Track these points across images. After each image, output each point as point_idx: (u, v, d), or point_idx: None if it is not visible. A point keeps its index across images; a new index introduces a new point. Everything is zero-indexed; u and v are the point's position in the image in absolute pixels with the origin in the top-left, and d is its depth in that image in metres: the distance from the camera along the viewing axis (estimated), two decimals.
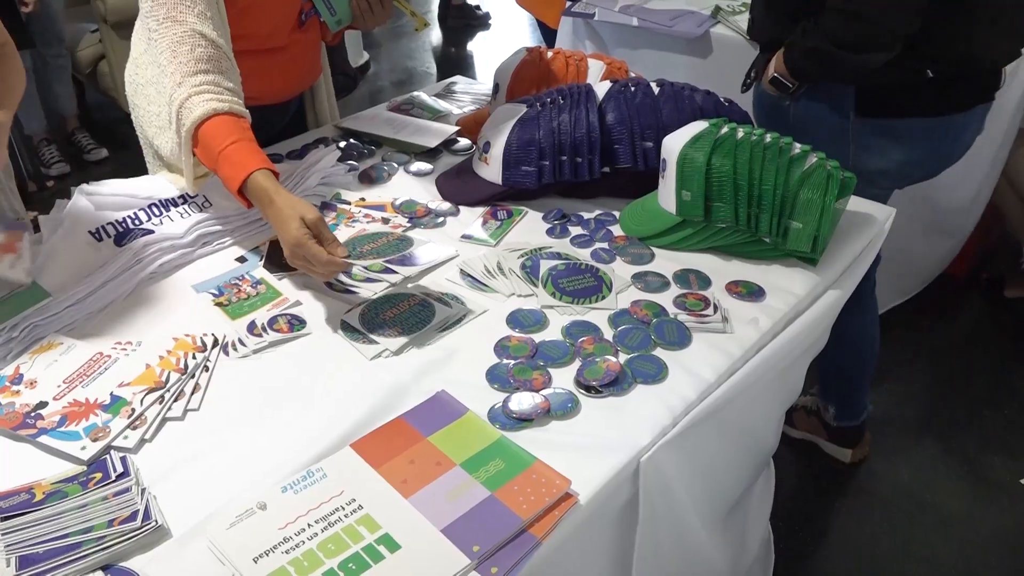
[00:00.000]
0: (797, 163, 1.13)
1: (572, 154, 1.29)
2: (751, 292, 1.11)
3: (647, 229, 1.23)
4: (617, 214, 1.31)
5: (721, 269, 1.17)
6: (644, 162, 1.30)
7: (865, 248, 1.23)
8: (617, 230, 1.27)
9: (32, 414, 0.92)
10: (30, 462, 0.88)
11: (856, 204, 1.27)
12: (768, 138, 1.16)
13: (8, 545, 0.76)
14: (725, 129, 1.18)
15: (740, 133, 1.17)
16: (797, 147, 1.16)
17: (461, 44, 5.28)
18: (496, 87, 1.57)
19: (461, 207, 1.35)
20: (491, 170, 1.33)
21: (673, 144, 1.18)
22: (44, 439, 0.89)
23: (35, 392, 0.95)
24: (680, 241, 1.20)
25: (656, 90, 1.33)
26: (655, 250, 1.22)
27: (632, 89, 1.33)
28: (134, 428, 0.90)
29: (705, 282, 1.14)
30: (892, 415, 2.07)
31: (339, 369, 1.00)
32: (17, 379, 0.97)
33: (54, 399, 0.94)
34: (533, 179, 1.30)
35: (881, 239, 1.26)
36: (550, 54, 1.55)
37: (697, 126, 1.19)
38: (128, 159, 1.45)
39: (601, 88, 1.34)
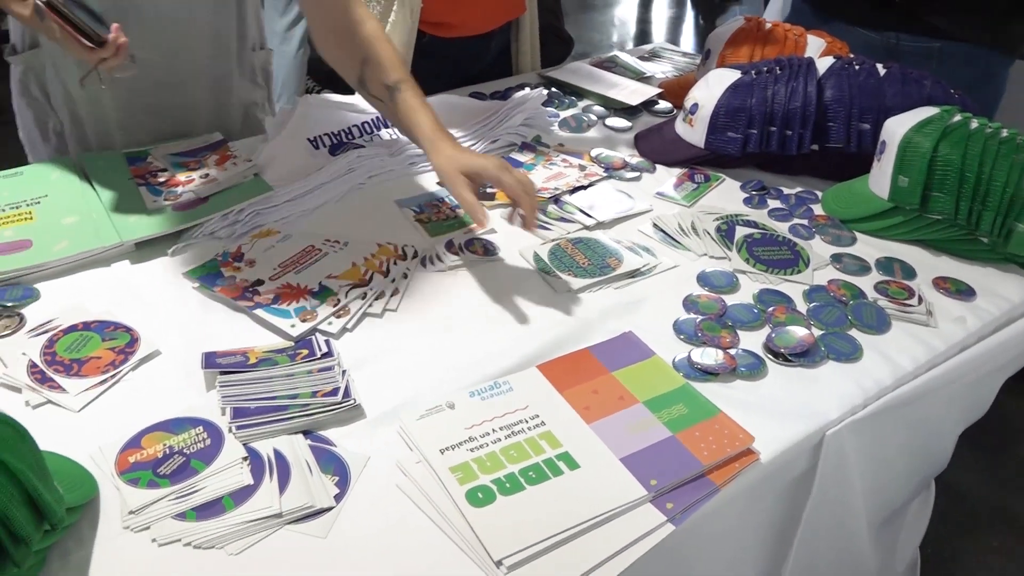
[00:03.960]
0: None
1: (782, 126, 1.26)
2: (960, 290, 1.05)
3: (852, 212, 1.19)
4: (819, 194, 1.27)
5: (928, 263, 1.11)
6: (857, 144, 1.25)
7: None
8: (818, 209, 1.23)
9: (250, 289, 0.99)
10: (245, 331, 0.95)
11: None
12: (1005, 132, 1.09)
13: (224, 396, 0.83)
14: (958, 117, 1.11)
15: (974, 124, 1.10)
16: None
17: (647, 20, 5.22)
18: (707, 52, 1.54)
19: (658, 166, 1.35)
20: (695, 132, 1.31)
21: (897, 127, 1.13)
22: (259, 312, 0.96)
23: (253, 271, 1.03)
24: (887, 228, 1.15)
25: (882, 72, 1.27)
26: (857, 234, 1.17)
27: (856, 68, 1.28)
28: (338, 317, 0.96)
29: (910, 273, 1.08)
30: None
31: (528, 297, 1.03)
32: (239, 257, 1.05)
33: (270, 279, 1.01)
34: (737, 146, 1.27)
35: None
36: (768, 25, 1.51)
37: (926, 111, 1.13)
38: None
39: (823, 63, 1.30)
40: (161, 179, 1.19)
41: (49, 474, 0.65)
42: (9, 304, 0.97)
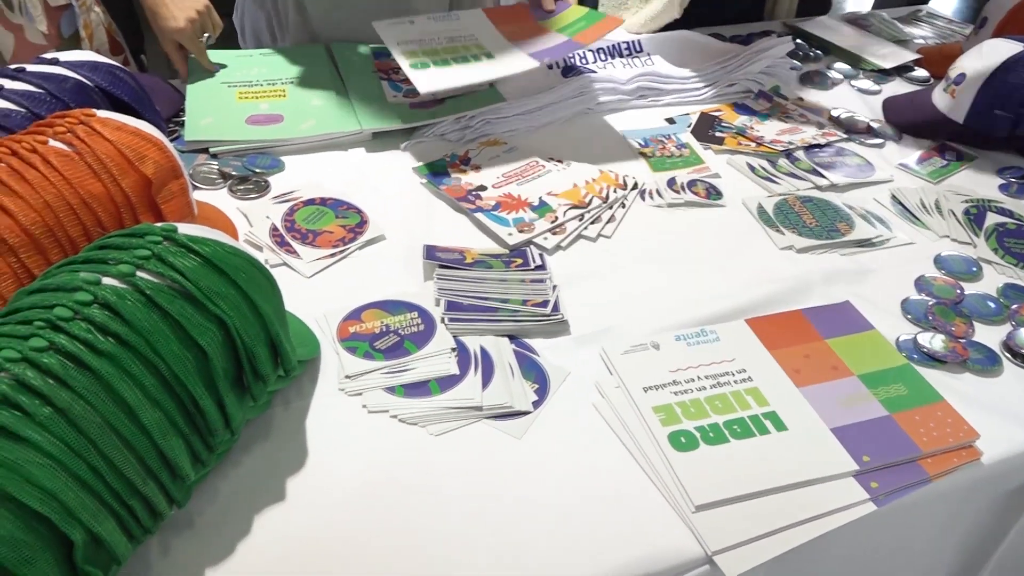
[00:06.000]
0: None
1: None
2: None
3: None
4: None
5: None
6: None
7: None
8: None
9: (473, 192, 1.02)
10: (464, 231, 0.98)
11: None
12: None
13: (440, 288, 0.86)
14: None
15: None
16: None
17: None
18: (983, 21, 1.40)
19: (905, 135, 1.25)
20: (955, 105, 1.20)
21: None
22: (479, 216, 0.98)
23: (478, 176, 1.05)
24: None
25: None
26: None
27: None
28: (554, 233, 0.96)
29: None
30: None
31: (745, 248, 0.99)
32: (465, 161, 1.08)
33: (492, 186, 1.03)
34: (1005, 126, 1.15)
35: None
36: None
37: None
38: None
39: None
40: (402, 76, 1.23)
41: (287, 324, 0.70)
42: (258, 171, 1.04)
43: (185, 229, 0.64)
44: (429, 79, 1.06)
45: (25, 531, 0.48)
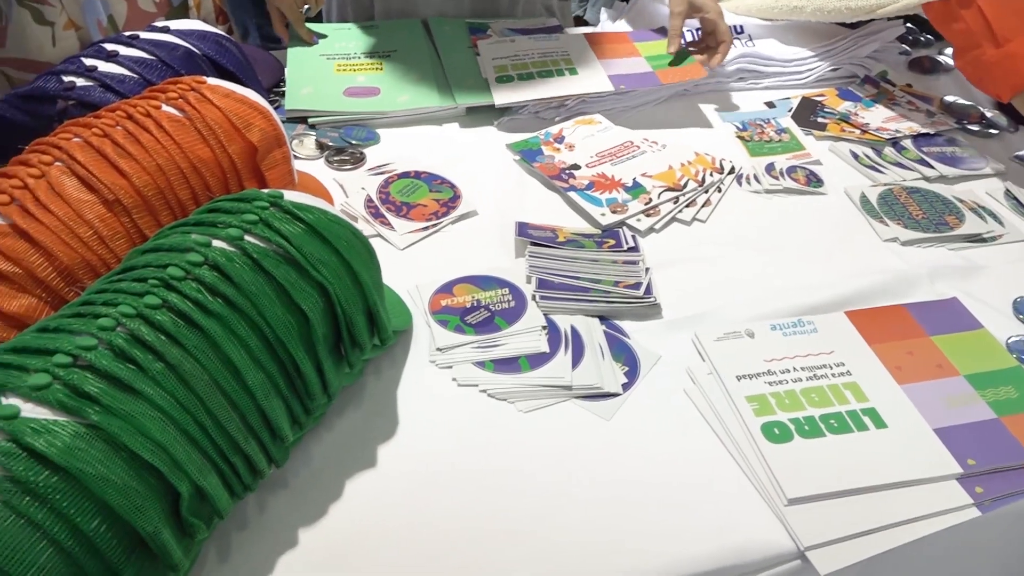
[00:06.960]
0: None
1: None
2: None
3: None
4: None
5: None
6: None
7: None
8: None
9: (567, 171, 1.01)
10: (556, 210, 0.97)
11: None
12: None
13: (532, 266, 0.85)
14: None
15: None
16: None
17: None
18: None
19: (1021, 126, 1.19)
20: None
21: None
22: (572, 195, 0.97)
23: (572, 154, 1.04)
24: None
25: None
26: None
27: None
28: (647, 215, 0.95)
29: None
30: None
31: (846, 238, 0.96)
32: (560, 139, 1.07)
33: (586, 166, 1.02)
34: None
35: None
36: None
37: None
38: None
39: None
40: None
41: (384, 295, 0.70)
42: (354, 142, 1.05)
43: (291, 196, 0.65)
44: (506, 93, 1.12)
45: (137, 480, 0.50)
